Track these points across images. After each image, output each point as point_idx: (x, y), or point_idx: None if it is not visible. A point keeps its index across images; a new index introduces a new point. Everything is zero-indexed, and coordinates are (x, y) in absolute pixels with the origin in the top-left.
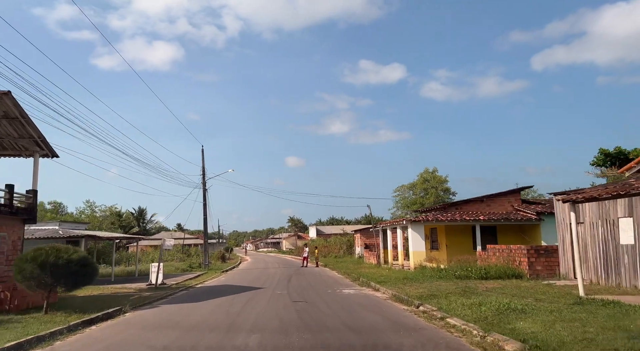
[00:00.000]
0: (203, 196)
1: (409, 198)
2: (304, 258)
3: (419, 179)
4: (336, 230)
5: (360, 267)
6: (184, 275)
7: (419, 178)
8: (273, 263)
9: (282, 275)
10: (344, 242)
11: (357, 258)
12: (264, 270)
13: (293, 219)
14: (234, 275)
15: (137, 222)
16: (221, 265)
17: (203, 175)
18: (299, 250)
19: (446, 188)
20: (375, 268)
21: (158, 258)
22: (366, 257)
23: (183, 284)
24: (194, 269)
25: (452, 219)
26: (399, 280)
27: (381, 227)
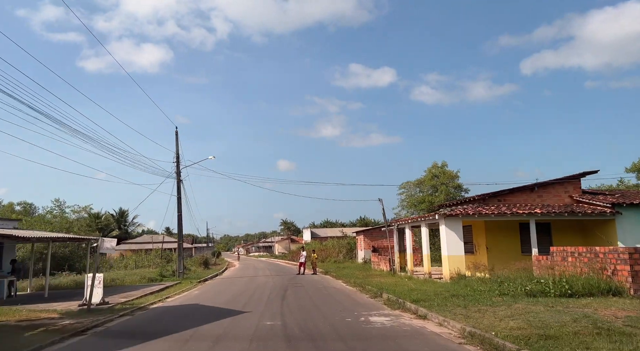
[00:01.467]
0: (177, 187)
1: (415, 196)
2: (300, 263)
3: (427, 175)
4: (334, 232)
5: (369, 275)
6: (147, 287)
7: (427, 174)
8: (264, 270)
9: (274, 287)
10: (343, 245)
11: (362, 264)
12: (252, 280)
13: (286, 222)
14: (212, 286)
15: (117, 224)
16: (202, 273)
17: (177, 162)
18: (292, 254)
19: (458, 185)
20: (391, 277)
21: (94, 268)
22: (374, 262)
23: (134, 303)
24: (165, 278)
25: (500, 213)
26: (444, 298)
27: (396, 225)
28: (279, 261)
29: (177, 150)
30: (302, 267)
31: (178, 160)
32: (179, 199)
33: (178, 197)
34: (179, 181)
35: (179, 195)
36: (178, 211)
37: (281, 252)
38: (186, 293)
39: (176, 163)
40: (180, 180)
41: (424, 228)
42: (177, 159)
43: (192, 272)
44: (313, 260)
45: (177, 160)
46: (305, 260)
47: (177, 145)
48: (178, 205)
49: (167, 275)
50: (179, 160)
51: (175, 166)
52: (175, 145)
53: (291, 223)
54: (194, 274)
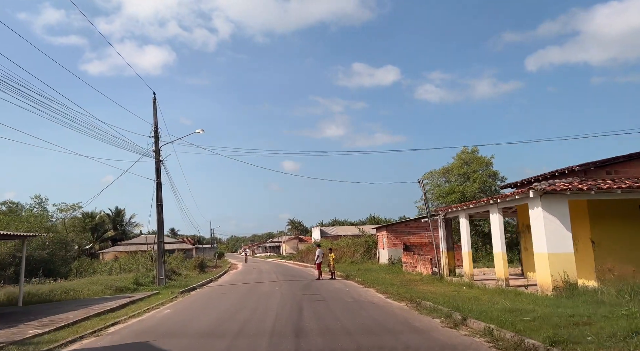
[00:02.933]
0: (156, 169)
1: (442, 186)
2: (317, 265)
3: (456, 162)
4: (345, 230)
5: (407, 281)
6: (106, 301)
7: (456, 161)
8: (269, 273)
9: (283, 302)
10: (359, 243)
11: (389, 265)
12: (254, 288)
13: (293, 221)
14: (195, 300)
15: (113, 224)
16: (193, 278)
17: (155, 136)
18: (301, 254)
19: (493, 172)
20: (442, 285)
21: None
22: (407, 264)
23: (44, 340)
24: (140, 287)
25: (630, 187)
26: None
27: (443, 214)
28: (286, 262)
29: (156, 121)
30: (319, 270)
31: (157, 134)
32: (158, 185)
33: (157, 181)
34: (158, 161)
35: (158, 180)
36: (157, 199)
37: (289, 252)
38: (151, 313)
39: (154, 138)
40: (159, 160)
41: (496, 214)
42: (156, 133)
43: (181, 277)
44: (330, 261)
45: (155, 135)
46: (321, 262)
47: (155, 115)
48: (157, 192)
49: (144, 283)
50: (157, 134)
51: (154, 143)
52: (153, 115)
53: (298, 222)
54: (182, 280)
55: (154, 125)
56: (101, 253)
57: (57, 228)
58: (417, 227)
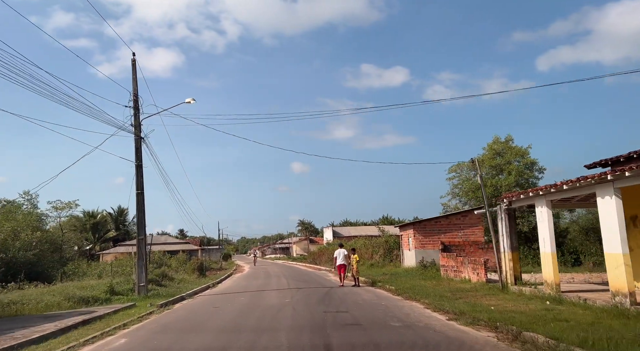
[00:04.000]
0: (135, 148)
1: (472, 180)
2: (339, 267)
3: (487, 153)
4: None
5: (458, 290)
6: (52, 320)
7: (487, 152)
8: (278, 278)
9: (300, 329)
10: (378, 244)
11: (419, 268)
12: (258, 299)
13: (303, 222)
14: (175, 319)
15: (115, 224)
16: (188, 284)
17: (135, 107)
18: (313, 255)
19: (531, 162)
20: (512, 298)
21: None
22: (448, 268)
23: None
24: (112, 298)
25: None
26: None
27: (505, 204)
28: (297, 264)
29: (135, 89)
30: (342, 274)
31: (136, 104)
32: (137, 168)
33: (137, 163)
34: (138, 138)
35: (138, 162)
36: (137, 186)
37: (299, 253)
38: (94, 346)
39: (133, 109)
40: (140, 137)
41: (610, 198)
42: (135, 103)
43: (173, 283)
44: (353, 264)
45: (134, 105)
46: (344, 264)
47: (135, 81)
48: (137, 177)
49: (121, 291)
50: (137, 105)
51: (133, 116)
52: (133, 81)
53: (309, 223)
54: (173, 286)
55: (133, 94)
56: (101, 254)
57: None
58: (448, 225)
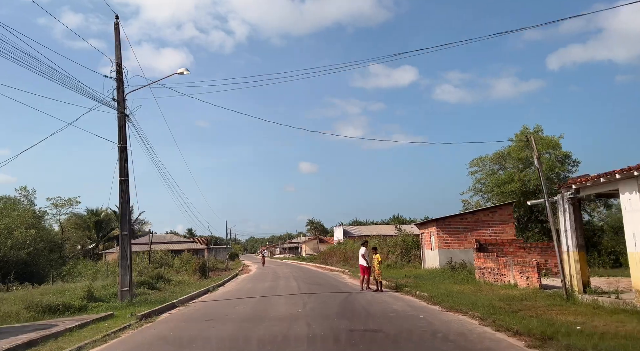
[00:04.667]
0: (119, 127)
1: (497, 174)
2: (362, 270)
3: (515, 144)
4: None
5: (511, 299)
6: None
7: (515, 144)
8: (288, 280)
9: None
10: (395, 243)
11: (446, 270)
12: (264, 308)
13: (312, 222)
14: (150, 338)
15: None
16: (188, 286)
17: (118, 79)
18: (323, 255)
19: (564, 155)
20: (590, 311)
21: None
22: (486, 270)
23: None
24: (89, 305)
25: None
26: None
27: (570, 191)
28: (307, 264)
29: (119, 57)
30: (365, 277)
31: (120, 76)
32: (121, 150)
33: (120, 145)
34: (122, 115)
35: (121, 143)
36: (120, 172)
37: (309, 253)
38: None
39: (116, 80)
40: (124, 114)
41: None
42: (119, 74)
43: (169, 286)
44: (375, 266)
45: (117, 76)
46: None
47: (119, 48)
48: (120, 161)
49: (103, 297)
50: (121, 76)
51: (115, 89)
52: (115, 48)
53: (318, 222)
54: (168, 290)
55: (116, 63)
56: (104, 253)
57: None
58: (476, 222)
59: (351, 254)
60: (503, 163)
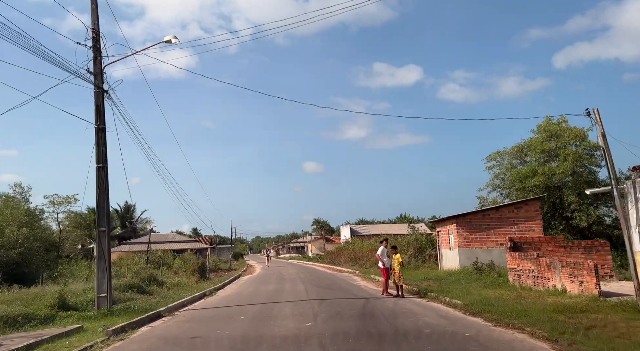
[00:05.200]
0: (95, 105)
1: (519, 168)
2: (383, 270)
3: (538, 136)
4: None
5: (569, 310)
6: None
7: (539, 135)
8: (294, 282)
9: None
10: (408, 242)
11: (469, 272)
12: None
13: (318, 221)
14: None
15: (121, 221)
16: (183, 289)
17: (94, 47)
18: (331, 255)
19: (593, 146)
20: None
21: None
22: (523, 273)
23: None
24: (58, 315)
25: None
26: None
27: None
28: (314, 264)
29: (96, 23)
30: (386, 280)
31: (97, 44)
32: (98, 132)
33: (97, 126)
34: (99, 91)
35: (99, 124)
36: (97, 158)
37: (315, 253)
38: None
39: (92, 49)
40: (101, 89)
41: None
42: (95, 42)
43: (161, 289)
44: (395, 267)
45: (93, 44)
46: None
47: (95, 12)
48: (97, 146)
49: (78, 304)
50: (98, 44)
51: (92, 60)
52: (92, 11)
53: (324, 222)
54: (160, 294)
55: (93, 29)
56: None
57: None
58: (500, 219)
59: (360, 254)
60: (523, 156)
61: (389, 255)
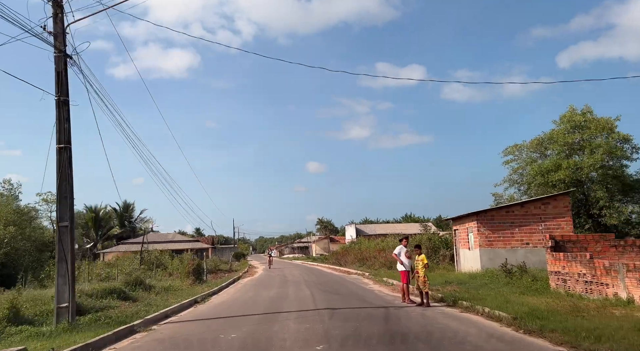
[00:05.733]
0: (56, 72)
1: (540, 162)
2: (403, 274)
3: (562, 127)
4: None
5: None
6: None
7: (562, 126)
8: (299, 286)
9: None
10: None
11: (499, 274)
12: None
13: (322, 221)
14: None
15: (120, 220)
16: (175, 294)
17: (54, 2)
18: (336, 255)
19: (623, 138)
20: None
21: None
22: (566, 277)
23: None
24: (4, 333)
25: None
26: None
27: None
28: (319, 265)
29: None
30: (406, 286)
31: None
32: (60, 105)
33: (58, 98)
34: (61, 55)
35: (60, 95)
36: (59, 139)
37: (319, 253)
38: None
39: (52, 3)
40: (65, 54)
41: None
42: None
43: (148, 295)
44: (420, 270)
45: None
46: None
47: None
48: (58, 122)
49: (36, 316)
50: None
51: (52, 17)
52: None
53: (328, 221)
54: (144, 300)
55: None
56: (102, 253)
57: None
58: (525, 216)
59: (367, 254)
60: (543, 150)
61: (409, 255)
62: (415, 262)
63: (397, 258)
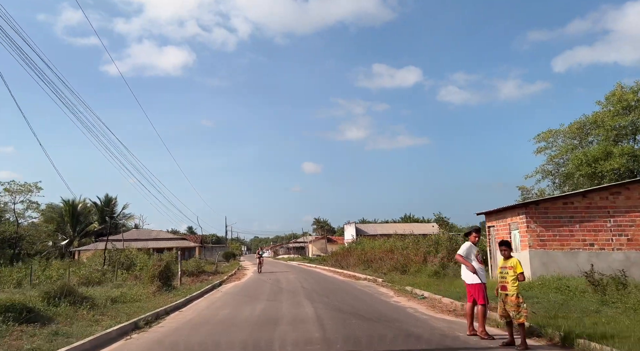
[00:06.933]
0: None
1: (580, 149)
2: (473, 288)
3: (607, 109)
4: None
5: None
6: None
7: (610, 107)
8: (296, 296)
9: None
10: (438, 242)
11: (578, 286)
12: None
13: (319, 221)
14: None
15: (100, 215)
16: (123, 310)
17: None
18: (336, 256)
19: None
20: None
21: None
22: None
23: None
24: None
25: None
26: None
27: None
28: (317, 267)
29: None
30: (485, 306)
31: None
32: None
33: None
34: None
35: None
36: None
37: (316, 253)
38: None
39: None
40: None
41: None
42: None
43: (78, 311)
44: (510, 288)
45: None
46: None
47: None
48: None
49: None
50: None
51: None
52: None
53: (325, 221)
54: (54, 324)
55: None
56: (77, 251)
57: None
58: (588, 208)
59: (373, 256)
60: (584, 136)
61: (478, 258)
62: (498, 269)
63: (464, 262)
